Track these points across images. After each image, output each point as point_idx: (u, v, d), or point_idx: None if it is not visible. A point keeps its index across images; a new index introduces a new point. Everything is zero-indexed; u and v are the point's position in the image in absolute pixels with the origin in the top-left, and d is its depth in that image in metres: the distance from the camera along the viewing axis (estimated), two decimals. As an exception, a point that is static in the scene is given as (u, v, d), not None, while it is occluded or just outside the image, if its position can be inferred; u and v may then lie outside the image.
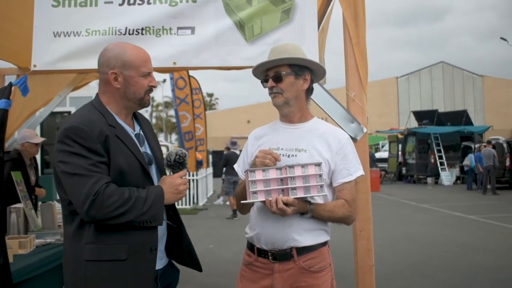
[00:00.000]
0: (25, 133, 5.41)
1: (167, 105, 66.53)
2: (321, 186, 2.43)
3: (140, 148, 2.39)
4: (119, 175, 2.24)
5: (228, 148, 16.75)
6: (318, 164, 2.44)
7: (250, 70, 2.76)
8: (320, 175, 2.43)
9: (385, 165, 29.50)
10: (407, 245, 9.63)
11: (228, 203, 16.25)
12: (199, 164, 18.13)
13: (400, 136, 29.78)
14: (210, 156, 21.50)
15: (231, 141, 15.47)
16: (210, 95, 74.14)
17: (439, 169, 25.73)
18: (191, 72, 17.35)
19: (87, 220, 2.16)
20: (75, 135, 2.18)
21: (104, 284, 2.20)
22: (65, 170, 2.17)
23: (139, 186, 2.28)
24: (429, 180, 25.40)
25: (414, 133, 27.79)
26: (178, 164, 2.39)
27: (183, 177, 2.40)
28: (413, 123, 32.10)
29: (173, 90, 16.52)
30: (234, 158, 14.12)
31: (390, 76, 52.43)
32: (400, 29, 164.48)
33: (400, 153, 28.85)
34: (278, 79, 2.58)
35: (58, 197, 2.39)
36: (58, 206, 4.76)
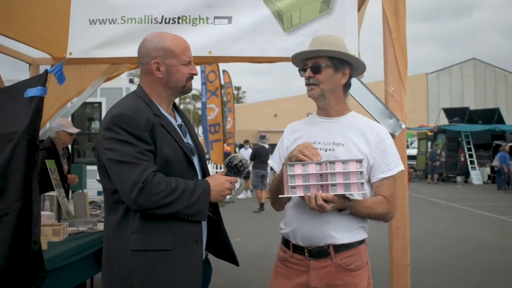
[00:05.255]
0: (62, 121, 5.46)
1: (194, 97, 66.83)
2: (362, 183, 2.35)
3: (183, 139, 2.37)
4: (165, 164, 2.23)
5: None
6: (360, 161, 2.36)
7: (278, 64, 2.68)
8: (361, 172, 2.34)
9: (413, 162, 29.06)
10: (434, 243, 9.50)
11: (249, 194, 16.27)
12: (226, 157, 18.12)
13: (429, 133, 29.30)
14: (237, 150, 21.49)
15: (259, 135, 15.44)
16: (238, 88, 74.17)
17: (469, 167, 25.28)
18: (221, 66, 17.41)
19: (134, 208, 2.15)
20: (123, 123, 2.17)
21: (149, 274, 2.18)
22: (112, 157, 2.16)
23: (184, 176, 2.26)
24: (459, 178, 25.00)
25: (444, 130, 27.34)
26: (236, 169, 2.37)
27: (233, 184, 2.38)
28: (443, 121, 31.53)
29: (204, 84, 16.50)
30: (262, 152, 14.13)
31: (417, 72, 51.50)
32: (425, 24, 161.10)
33: (429, 150, 28.41)
34: (316, 70, 2.51)
35: (87, 186, 2.37)
36: (89, 195, 4.80)
